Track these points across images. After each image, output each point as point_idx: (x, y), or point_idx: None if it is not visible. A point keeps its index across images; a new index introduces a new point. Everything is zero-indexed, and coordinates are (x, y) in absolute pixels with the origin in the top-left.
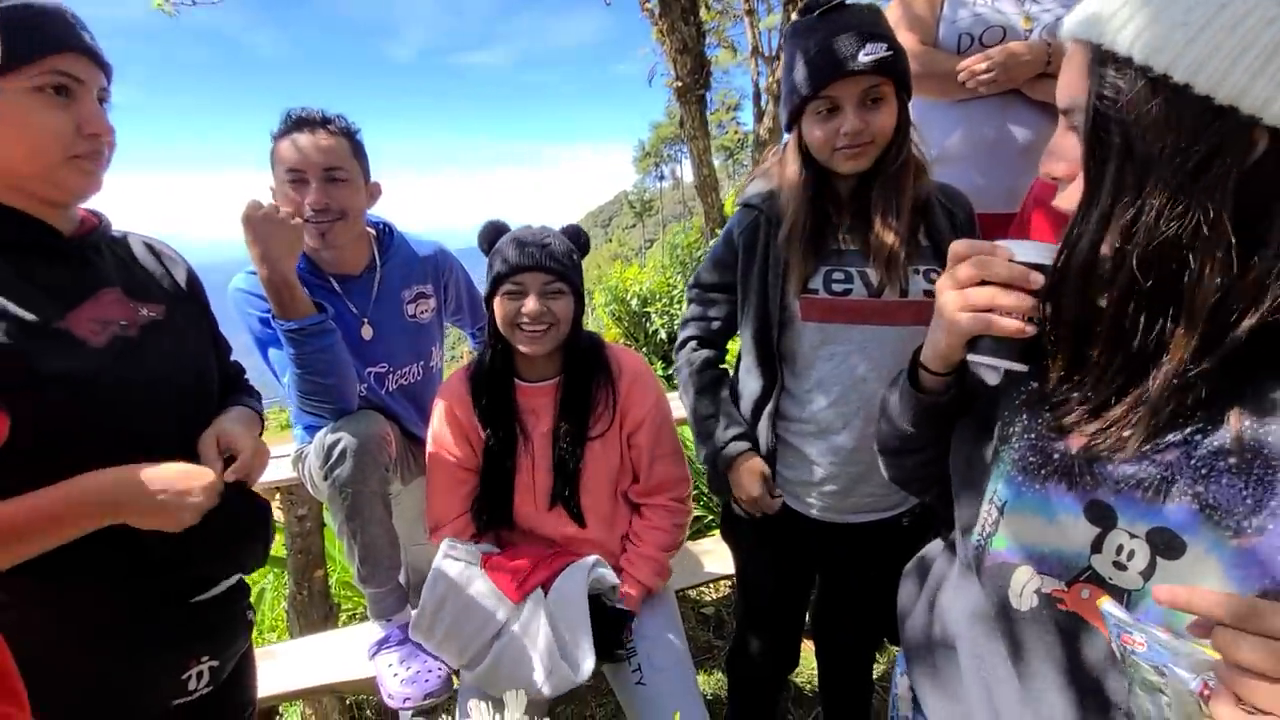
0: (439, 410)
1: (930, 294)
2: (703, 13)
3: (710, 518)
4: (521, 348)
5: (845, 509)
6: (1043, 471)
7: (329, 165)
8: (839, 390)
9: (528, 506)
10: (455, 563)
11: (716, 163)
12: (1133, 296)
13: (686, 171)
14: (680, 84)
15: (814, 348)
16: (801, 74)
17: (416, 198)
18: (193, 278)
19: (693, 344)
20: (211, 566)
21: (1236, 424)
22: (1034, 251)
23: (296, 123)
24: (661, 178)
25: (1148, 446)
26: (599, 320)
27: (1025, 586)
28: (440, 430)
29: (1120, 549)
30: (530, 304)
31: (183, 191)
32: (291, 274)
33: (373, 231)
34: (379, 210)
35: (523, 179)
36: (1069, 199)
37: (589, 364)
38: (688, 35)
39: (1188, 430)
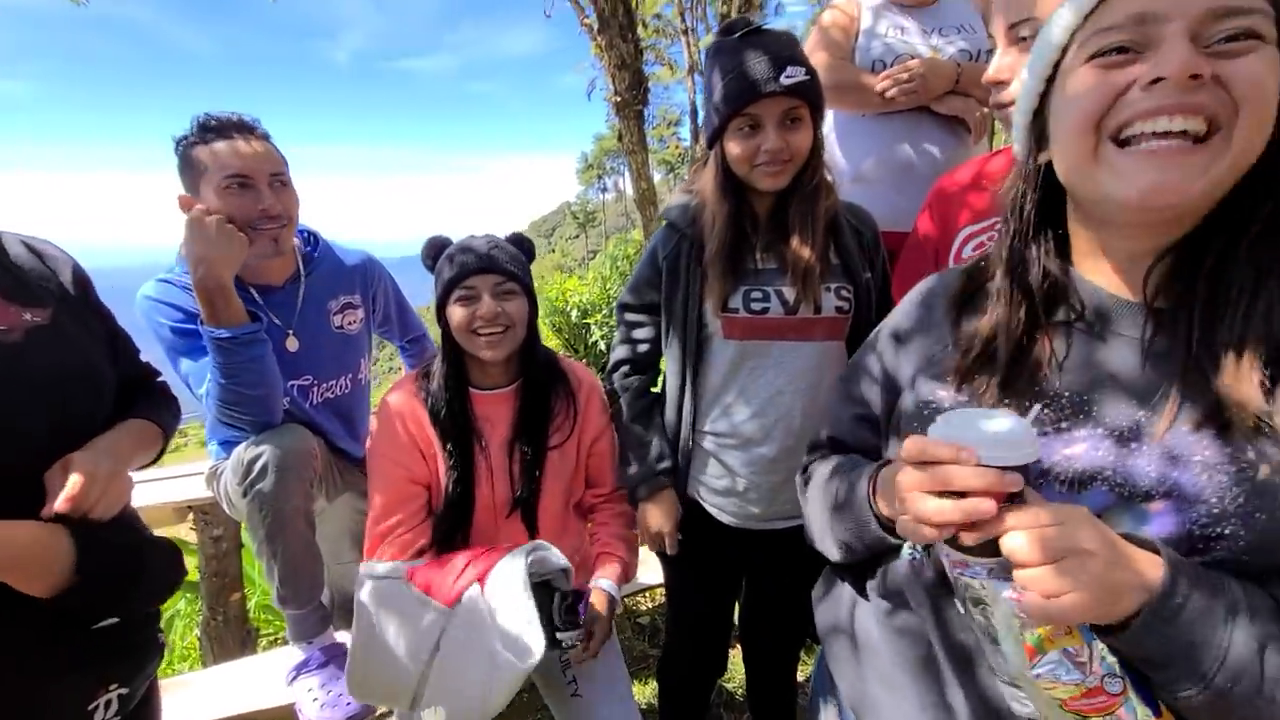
0: (385, 423)
1: (840, 310)
2: (640, 30)
3: None
4: (481, 354)
5: (765, 516)
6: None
7: (274, 170)
8: (759, 404)
9: (486, 516)
10: (377, 584)
11: (657, 177)
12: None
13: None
14: (619, 99)
15: (735, 364)
16: (723, 93)
17: (352, 206)
18: (80, 277)
19: (625, 368)
20: (81, 610)
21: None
22: (1007, 448)
23: (224, 127)
24: (605, 189)
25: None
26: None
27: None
28: (387, 443)
29: None
30: (485, 306)
31: (85, 192)
32: (229, 281)
33: (297, 240)
34: (308, 217)
35: (465, 188)
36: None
37: (547, 372)
38: (625, 52)
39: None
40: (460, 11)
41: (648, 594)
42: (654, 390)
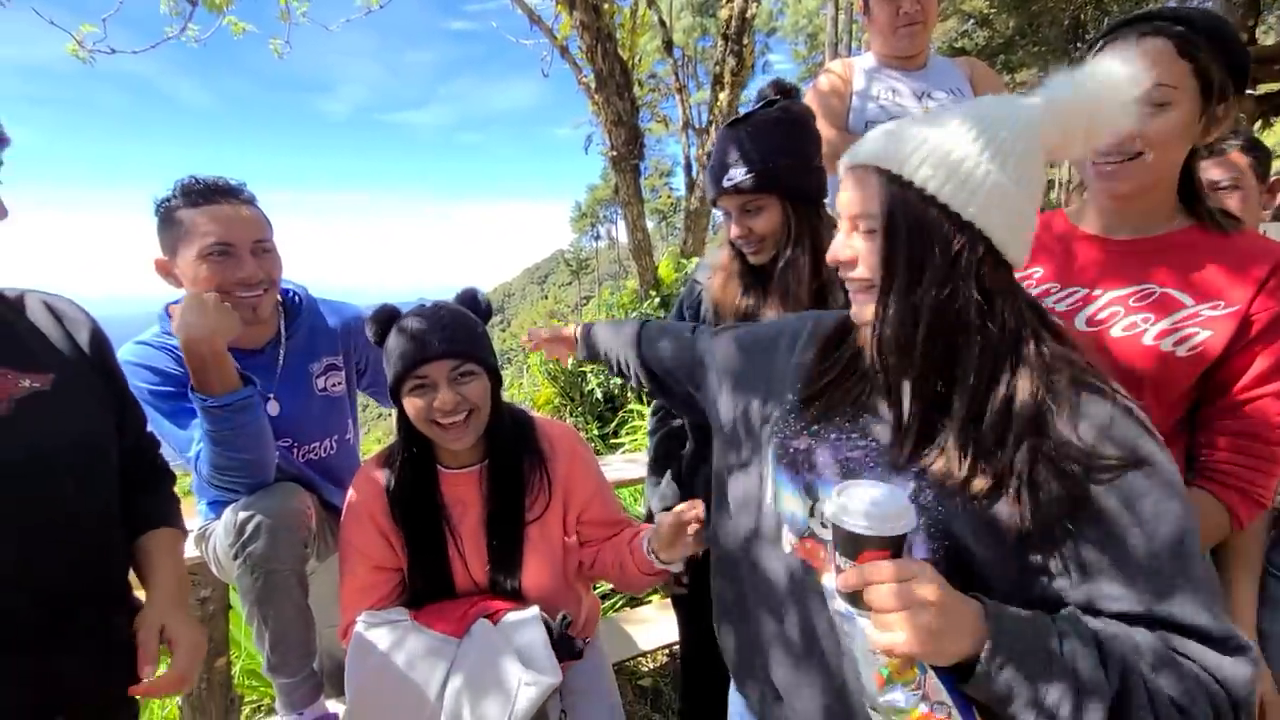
0: (350, 509)
1: None
2: (636, 89)
3: None
4: (448, 445)
5: None
6: (783, 459)
7: (258, 237)
8: None
9: (467, 592)
10: (380, 630)
11: (650, 226)
12: (925, 355)
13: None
14: (615, 153)
15: None
16: (705, 181)
17: (348, 253)
18: (97, 339)
19: (661, 413)
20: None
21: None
22: (892, 521)
23: (209, 192)
24: (597, 237)
25: (845, 447)
26: (533, 378)
27: (782, 538)
28: (352, 530)
29: (821, 515)
30: (443, 397)
31: (88, 238)
32: (223, 349)
33: (279, 300)
34: (303, 264)
35: (460, 235)
36: (856, 275)
37: (516, 443)
38: (622, 109)
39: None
40: (457, 67)
41: (649, 656)
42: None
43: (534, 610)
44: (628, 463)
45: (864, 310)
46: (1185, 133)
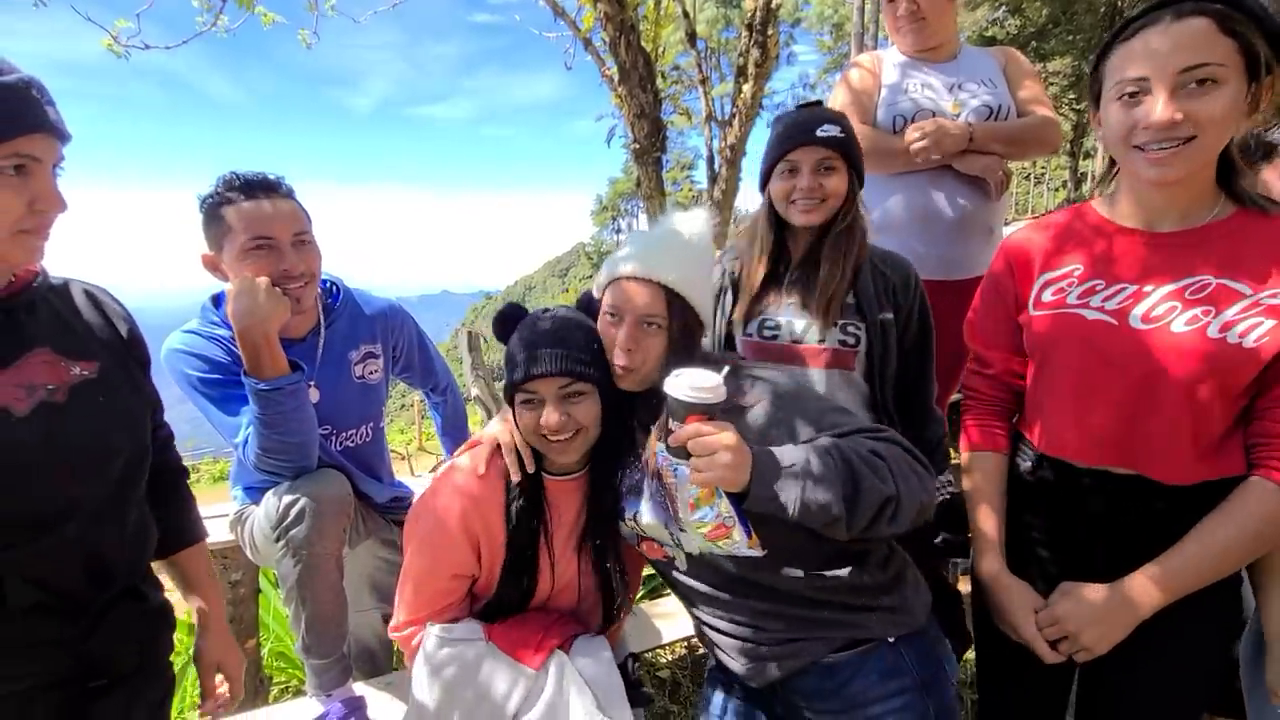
0: (442, 512)
1: (845, 344)
2: (659, 81)
3: None
4: (554, 457)
5: None
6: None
7: (297, 230)
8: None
9: (543, 600)
10: (454, 648)
11: None
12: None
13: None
14: (638, 146)
15: None
16: (772, 143)
17: (376, 246)
18: (134, 330)
19: None
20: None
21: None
22: (708, 394)
23: (248, 187)
24: (618, 230)
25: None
26: None
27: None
28: (437, 534)
29: (635, 519)
30: (549, 416)
31: (118, 236)
32: (274, 334)
33: (319, 291)
34: (330, 258)
35: (482, 229)
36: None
37: (619, 454)
38: (645, 102)
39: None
40: (480, 60)
41: (668, 648)
42: None
43: (605, 647)
44: None
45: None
46: (1234, 112)
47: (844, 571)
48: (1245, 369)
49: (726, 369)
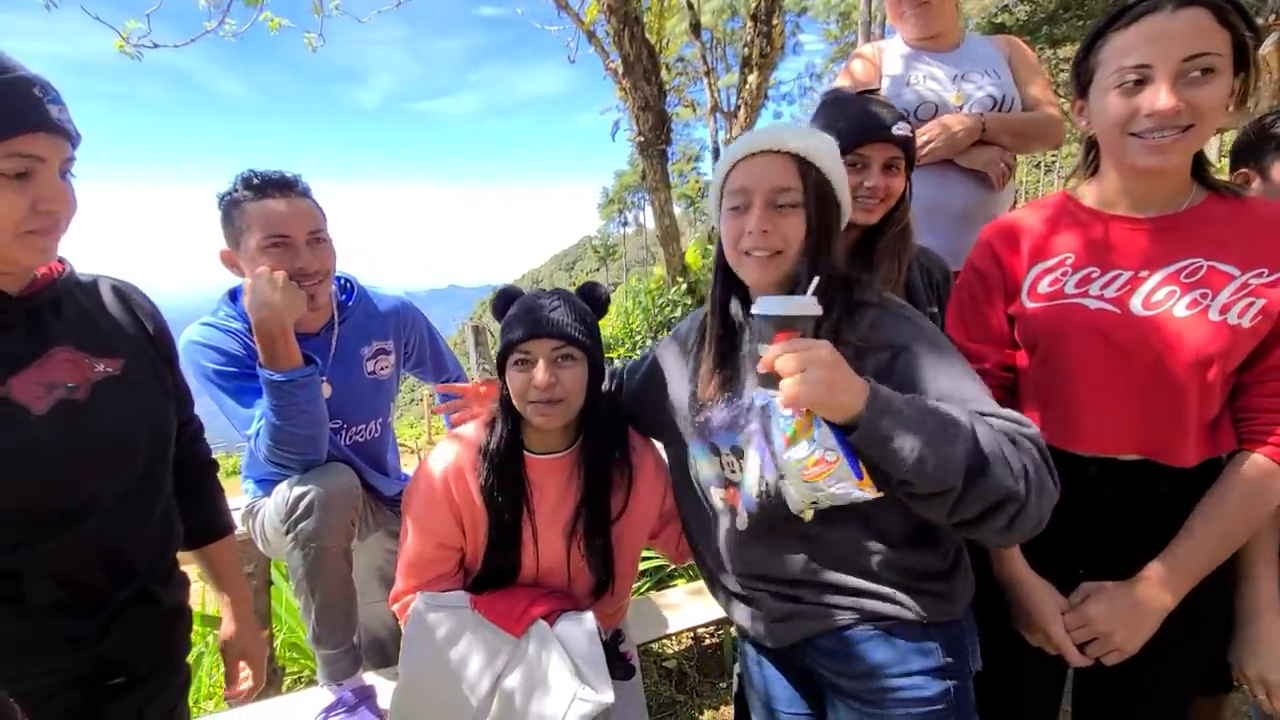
0: (427, 478)
1: None
2: (664, 73)
3: (674, 567)
4: (533, 420)
5: None
6: (693, 435)
7: (313, 228)
8: None
9: (529, 579)
10: (439, 614)
11: (677, 211)
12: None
13: (649, 219)
14: (643, 138)
15: None
16: (842, 129)
17: (382, 242)
18: (161, 326)
19: None
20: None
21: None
22: (796, 307)
23: (265, 186)
24: (625, 224)
25: (724, 406)
26: None
27: (713, 495)
28: (423, 501)
29: (727, 464)
30: (539, 374)
31: (129, 235)
32: (290, 327)
33: (333, 288)
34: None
35: (489, 223)
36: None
37: (608, 437)
38: (649, 94)
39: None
40: (485, 54)
41: (675, 638)
42: None
43: (590, 619)
44: None
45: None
46: (1225, 103)
47: (915, 551)
48: (1245, 349)
49: (816, 280)
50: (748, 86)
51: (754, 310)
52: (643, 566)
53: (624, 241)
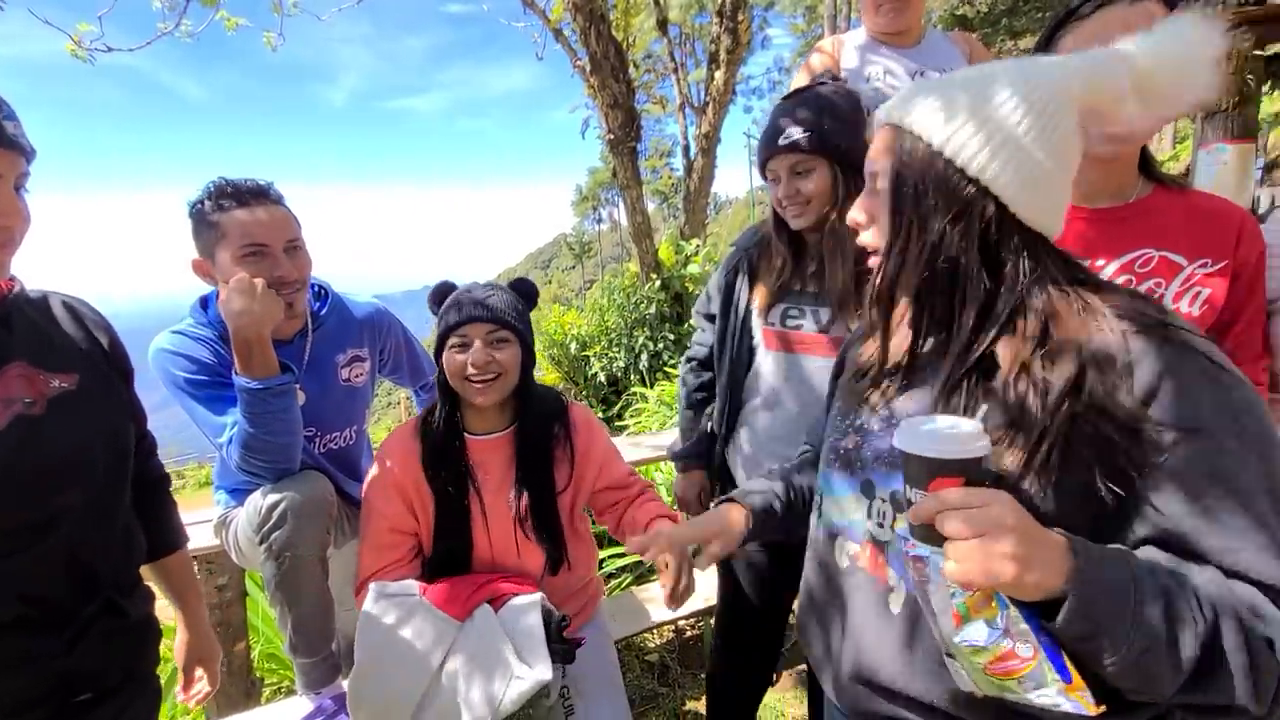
0: (379, 469)
1: None
2: (632, 70)
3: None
4: (474, 399)
5: None
6: (835, 462)
7: (290, 237)
8: (794, 412)
9: (483, 556)
10: (389, 602)
11: (651, 207)
12: (922, 312)
13: (623, 215)
14: (612, 136)
15: (773, 374)
16: (757, 146)
17: (355, 244)
18: (114, 340)
19: (691, 364)
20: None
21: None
22: (958, 444)
23: (239, 194)
24: (600, 220)
25: (889, 430)
26: (538, 365)
27: (840, 552)
28: (376, 491)
29: (880, 513)
30: (476, 353)
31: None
32: (267, 334)
33: (307, 295)
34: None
35: (462, 222)
36: (867, 240)
37: (544, 416)
38: (618, 92)
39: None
40: (451, 52)
41: (656, 631)
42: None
43: (536, 602)
44: (632, 445)
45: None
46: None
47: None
48: None
49: (984, 408)
50: (715, 83)
51: (897, 443)
52: (622, 562)
53: (599, 238)
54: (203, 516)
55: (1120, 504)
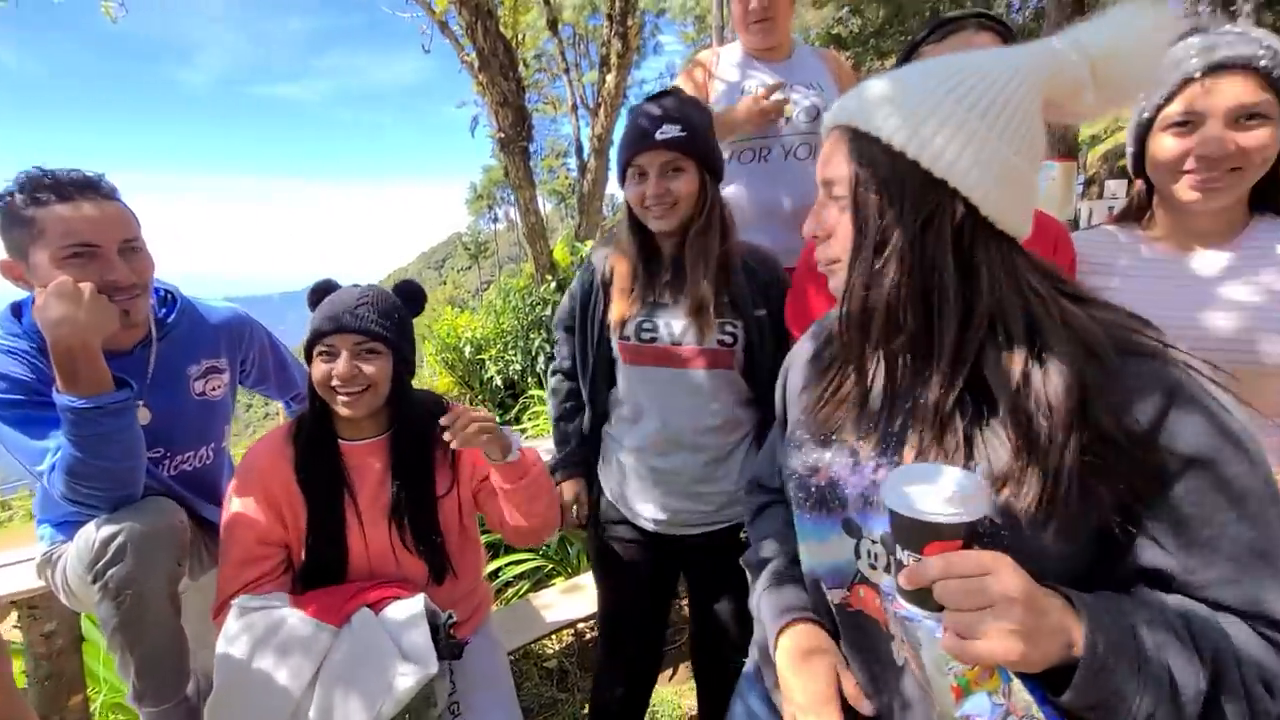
0: (243, 479)
1: (723, 344)
2: (523, 69)
3: (550, 566)
4: (339, 410)
5: (675, 524)
6: (806, 503)
7: (127, 236)
8: (655, 422)
9: (360, 564)
10: (254, 615)
11: (549, 207)
12: (898, 331)
13: (515, 216)
14: (503, 135)
15: (632, 386)
16: (621, 144)
17: (227, 242)
18: None
19: (559, 376)
20: None
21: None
22: (959, 505)
23: (60, 187)
24: (496, 220)
25: (870, 465)
26: (432, 368)
27: (835, 595)
28: (241, 502)
29: (870, 554)
30: (340, 365)
31: None
32: (96, 345)
33: (152, 301)
34: (177, 253)
35: (348, 220)
36: (826, 253)
37: (421, 421)
38: (507, 90)
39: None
40: (333, 38)
41: (554, 636)
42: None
43: (418, 602)
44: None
45: (836, 290)
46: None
47: None
48: None
49: (983, 463)
50: (606, 86)
51: (888, 501)
52: (519, 569)
53: (496, 238)
54: (26, 555)
55: (1124, 536)
